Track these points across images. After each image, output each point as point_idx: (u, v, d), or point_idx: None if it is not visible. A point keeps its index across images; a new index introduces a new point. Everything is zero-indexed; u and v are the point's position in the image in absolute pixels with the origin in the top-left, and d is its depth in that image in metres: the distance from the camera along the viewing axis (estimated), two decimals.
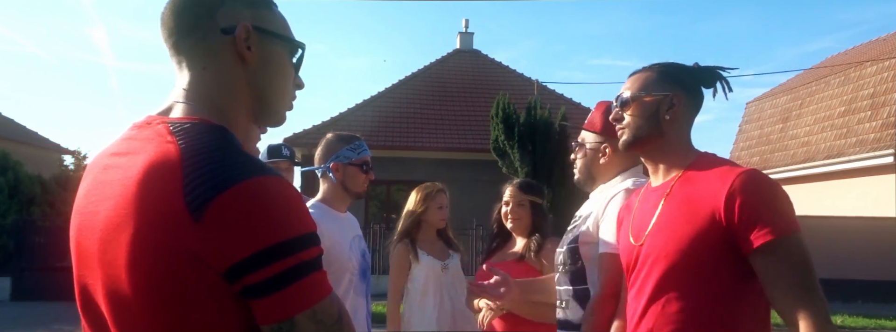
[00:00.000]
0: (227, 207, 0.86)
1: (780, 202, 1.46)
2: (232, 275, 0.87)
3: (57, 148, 22.48)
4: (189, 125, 0.97)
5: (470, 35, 20.14)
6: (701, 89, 1.70)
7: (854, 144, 14.83)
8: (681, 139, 1.66)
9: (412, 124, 16.45)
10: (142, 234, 0.88)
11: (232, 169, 0.89)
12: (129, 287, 0.89)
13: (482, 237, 13.28)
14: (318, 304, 0.90)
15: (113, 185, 0.95)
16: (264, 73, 1.06)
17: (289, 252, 0.88)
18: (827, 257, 12.87)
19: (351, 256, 2.47)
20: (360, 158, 2.54)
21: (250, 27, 1.03)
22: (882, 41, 17.77)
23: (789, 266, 1.42)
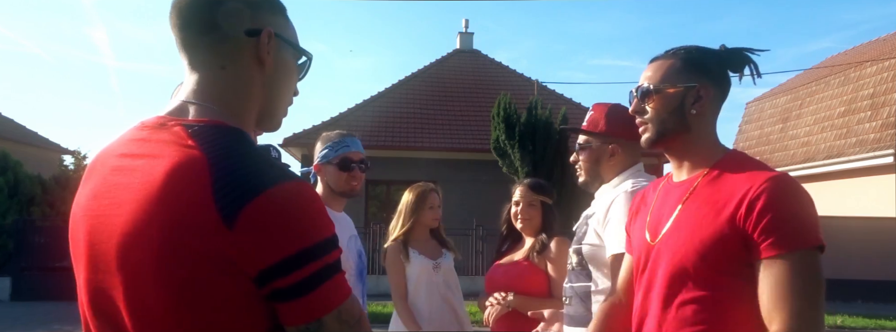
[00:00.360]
0: (258, 213, 0.87)
1: (804, 213, 1.35)
2: (262, 279, 0.89)
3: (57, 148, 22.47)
4: (207, 128, 0.97)
5: (470, 35, 20.15)
6: (728, 76, 1.55)
7: (854, 144, 14.83)
8: (708, 134, 1.53)
9: (412, 124, 16.45)
10: (171, 240, 0.88)
11: (261, 175, 0.91)
12: (155, 292, 0.90)
13: (482, 237, 13.28)
14: (343, 305, 0.94)
15: (131, 189, 0.94)
16: (277, 78, 1.08)
17: (315, 256, 0.90)
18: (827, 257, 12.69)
19: (348, 256, 2.45)
20: (339, 155, 2.47)
21: (273, 33, 1.05)
22: (882, 41, 17.77)
23: (797, 282, 1.30)
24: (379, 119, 16.24)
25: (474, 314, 9.86)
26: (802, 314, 1.29)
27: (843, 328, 9.79)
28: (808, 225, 1.34)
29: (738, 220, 1.36)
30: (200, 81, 1.03)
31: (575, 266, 2.17)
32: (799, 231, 1.33)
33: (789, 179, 1.40)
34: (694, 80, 1.50)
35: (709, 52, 1.54)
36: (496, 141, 13.12)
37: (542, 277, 2.71)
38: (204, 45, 1.03)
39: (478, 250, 13.41)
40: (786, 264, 1.31)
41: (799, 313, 1.29)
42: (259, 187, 0.89)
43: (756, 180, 1.38)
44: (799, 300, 1.29)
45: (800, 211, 1.35)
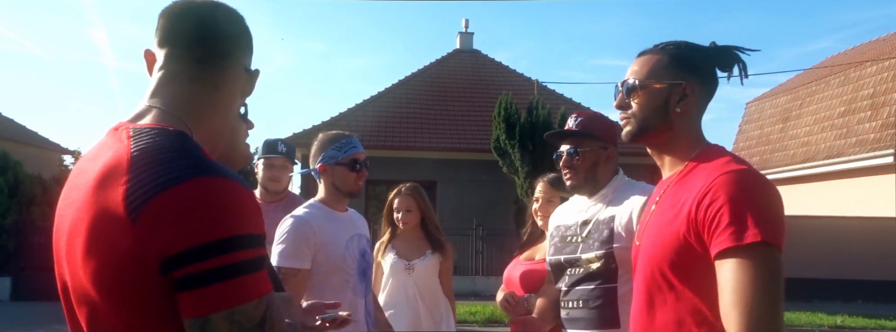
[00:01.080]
0: (162, 207, 0.88)
1: (761, 206, 1.27)
2: (165, 270, 0.89)
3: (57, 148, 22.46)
4: (149, 129, 1.01)
5: (470, 35, 20.14)
6: (715, 75, 1.52)
7: (854, 144, 14.84)
8: (690, 131, 1.50)
9: (412, 124, 16.45)
10: (91, 237, 0.92)
11: (174, 170, 0.92)
12: (87, 287, 0.94)
13: (482, 237, 13.29)
14: (240, 306, 0.89)
15: (79, 189, 1.00)
16: (228, 101, 1.17)
17: (220, 251, 0.88)
18: (827, 257, 12.89)
19: (346, 256, 2.46)
20: (347, 156, 2.51)
21: (244, 68, 1.17)
22: (882, 41, 17.78)
23: (744, 278, 1.22)
24: (379, 119, 16.23)
25: (475, 314, 9.90)
26: (755, 314, 1.19)
27: (843, 328, 9.79)
28: (761, 220, 1.24)
29: (691, 217, 1.32)
30: (164, 88, 1.10)
31: (597, 268, 2.16)
32: (749, 226, 1.23)
33: (746, 173, 1.32)
34: (680, 77, 1.47)
35: (698, 49, 1.51)
36: (496, 141, 13.13)
37: None
38: (179, 57, 1.11)
39: (478, 250, 13.41)
40: (736, 261, 1.23)
41: (751, 312, 1.20)
42: (169, 182, 0.90)
43: (712, 175, 1.34)
44: (752, 299, 1.20)
45: (752, 206, 1.26)
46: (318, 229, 2.42)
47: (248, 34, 1.17)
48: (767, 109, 19.83)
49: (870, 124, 14.74)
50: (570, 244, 2.26)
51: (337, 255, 2.43)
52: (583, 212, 2.28)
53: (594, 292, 2.16)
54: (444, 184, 15.71)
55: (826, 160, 15.36)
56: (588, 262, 2.18)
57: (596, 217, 2.22)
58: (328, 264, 2.42)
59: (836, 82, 16.78)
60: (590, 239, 2.19)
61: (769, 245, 1.23)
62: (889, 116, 14.17)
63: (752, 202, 1.27)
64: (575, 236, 2.25)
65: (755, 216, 1.24)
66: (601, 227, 2.18)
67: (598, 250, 2.16)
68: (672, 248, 1.36)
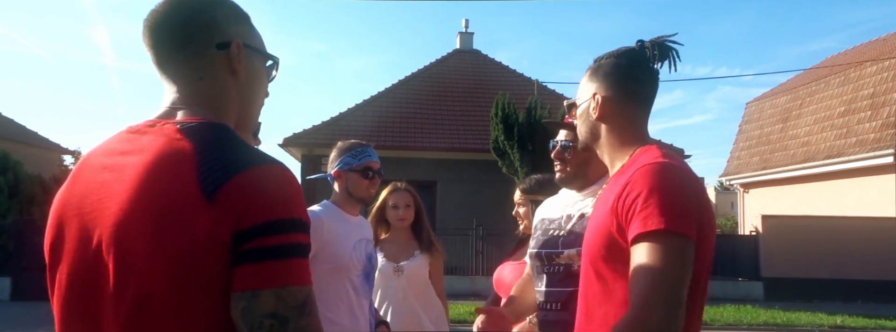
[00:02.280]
0: (237, 188, 0.94)
1: (669, 196, 1.31)
2: (234, 244, 0.93)
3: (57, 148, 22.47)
4: (196, 125, 1.05)
5: (470, 35, 20.15)
6: (634, 76, 1.56)
7: (854, 144, 14.84)
8: (618, 135, 1.56)
9: (412, 124, 16.45)
10: (158, 220, 0.94)
11: (242, 157, 0.99)
12: (147, 273, 0.94)
13: (482, 237, 13.28)
14: (289, 287, 0.94)
15: (121, 181, 1.00)
16: (249, 84, 1.17)
17: (283, 230, 0.95)
18: (827, 257, 12.89)
19: (353, 256, 2.52)
20: (361, 163, 2.62)
21: (241, 44, 1.13)
22: (882, 41, 17.78)
23: (642, 267, 1.27)
24: (379, 119, 16.23)
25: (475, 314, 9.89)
26: (652, 296, 1.24)
27: (843, 328, 9.79)
28: (667, 209, 1.29)
29: (614, 210, 1.39)
30: (181, 91, 1.12)
31: (576, 269, 2.06)
32: (655, 214, 1.29)
33: (662, 165, 1.37)
34: (593, 89, 1.59)
35: (612, 56, 1.59)
36: (495, 141, 13.13)
37: None
38: (179, 60, 1.11)
39: (478, 250, 13.41)
40: (642, 246, 1.29)
41: (644, 299, 1.25)
42: (240, 167, 0.96)
43: (632, 170, 1.41)
44: (651, 282, 1.25)
45: (661, 195, 1.31)
46: (329, 227, 2.50)
47: (233, 14, 1.15)
48: (767, 109, 19.83)
49: (870, 124, 14.75)
50: (553, 238, 2.19)
51: (344, 255, 2.49)
52: (569, 206, 2.21)
53: (573, 294, 2.10)
54: (444, 184, 15.71)
55: (826, 160, 15.37)
56: (568, 258, 2.12)
57: (581, 213, 2.15)
58: (335, 263, 2.47)
59: (836, 82, 16.78)
60: (572, 235, 2.13)
61: (673, 233, 1.27)
62: (889, 116, 14.17)
63: (662, 192, 1.31)
64: (558, 230, 2.19)
65: (662, 205, 1.29)
66: (585, 223, 2.14)
67: (579, 247, 2.05)
68: (603, 243, 1.42)
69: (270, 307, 0.93)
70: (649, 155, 1.46)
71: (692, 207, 1.33)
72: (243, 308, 0.93)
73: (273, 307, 0.93)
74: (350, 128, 15.50)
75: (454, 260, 13.48)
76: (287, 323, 0.94)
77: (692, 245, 1.29)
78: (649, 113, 1.61)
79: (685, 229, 1.29)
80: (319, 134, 15.77)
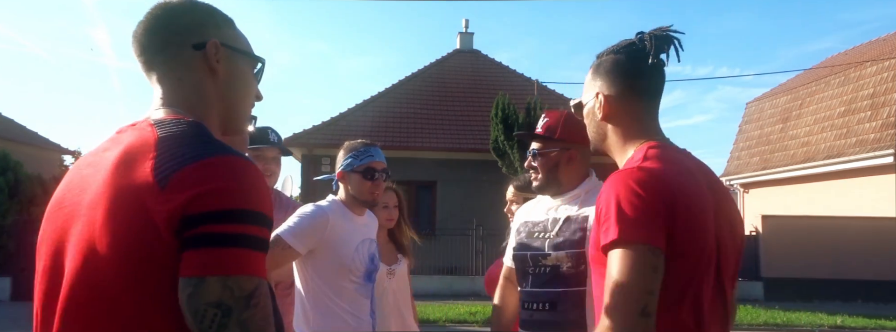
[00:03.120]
0: (190, 174, 0.96)
1: (620, 204, 1.31)
2: (181, 230, 0.94)
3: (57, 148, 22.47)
4: (169, 120, 1.09)
5: (470, 35, 20.15)
6: (634, 71, 1.51)
7: (854, 144, 14.83)
8: (625, 134, 1.52)
9: (412, 124, 16.45)
10: (112, 207, 0.97)
11: (201, 148, 1.01)
12: (104, 259, 0.96)
13: (482, 237, 13.28)
14: (238, 276, 0.94)
15: (97, 173, 1.04)
16: (231, 85, 1.19)
17: (235, 220, 0.95)
18: (827, 257, 12.89)
19: (355, 257, 2.50)
20: (363, 164, 2.55)
21: (219, 43, 1.16)
22: (882, 41, 17.78)
23: (608, 278, 1.28)
24: (379, 119, 16.24)
25: (475, 314, 9.89)
26: (610, 312, 1.25)
27: (843, 328, 9.79)
28: (619, 219, 1.29)
29: (596, 218, 1.39)
30: (164, 92, 1.16)
31: (566, 270, 2.13)
32: (611, 225, 1.30)
33: (620, 173, 1.37)
34: (596, 87, 1.54)
35: (612, 52, 1.54)
36: (495, 141, 13.13)
37: None
38: (159, 62, 1.16)
39: (478, 250, 13.41)
40: (607, 260, 1.30)
41: (608, 311, 1.26)
42: (197, 156, 0.98)
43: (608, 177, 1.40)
44: (609, 296, 1.26)
45: (614, 205, 1.31)
46: (333, 225, 2.46)
47: (210, 17, 1.18)
48: (767, 109, 19.83)
49: (870, 124, 14.74)
50: (538, 239, 2.22)
51: (346, 256, 2.46)
52: (553, 210, 2.26)
53: (562, 295, 2.12)
54: (444, 184, 15.71)
55: (826, 160, 15.36)
56: (556, 260, 2.14)
57: (568, 216, 2.19)
58: (337, 263, 2.45)
59: (836, 82, 16.78)
60: (560, 237, 2.16)
61: (629, 242, 1.27)
62: (889, 116, 14.17)
63: (617, 202, 1.31)
64: (543, 233, 2.22)
65: (617, 216, 1.30)
66: (574, 226, 2.15)
67: (568, 250, 2.12)
68: (595, 245, 1.41)
69: (215, 296, 0.92)
70: (632, 158, 1.45)
71: (652, 214, 1.28)
72: (189, 295, 0.92)
73: (218, 295, 0.92)
74: (350, 128, 15.50)
75: (454, 260, 13.49)
76: (230, 313, 0.93)
77: (655, 251, 1.26)
78: (657, 106, 1.55)
79: (643, 237, 1.26)
80: (319, 134, 15.78)
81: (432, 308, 10.33)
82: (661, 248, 1.27)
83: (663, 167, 1.38)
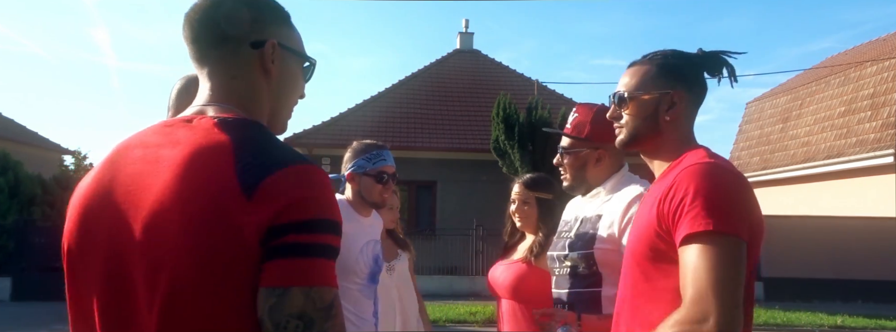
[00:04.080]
0: (275, 185, 0.94)
1: (716, 196, 1.30)
2: (266, 239, 0.93)
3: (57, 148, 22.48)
4: (232, 120, 1.06)
5: (470, 35, 20.15)
6: (703, 81, 1.58)
7: (854, 144, 14.84)
8: (678, 137, 1.55)
9: (412, 124, 16.45)
10: (194, 213, 0.93)
11: (281, 154, 1.00)
12: (181, 265, 0.93)
13: (482, 237, 13.28)
14: (318, 287, 0.94)
15: (157, 173, 0.99)
16: (282, 85, 1.16)
17: (318, 230, 0.95)
18: (827, 257, 12.88)
19: (360, 259, 2.50)
20: (376, 168, 2.56)
21: (276, 44, 1.13)
22: (882, 41, 17.78)
23: (696, 268, 1.25)
24: (379, 119, 16.23)
25: (475, 314, 9.90)
26: (704, 301, 1.22)
27: (843, 328, 9.80)
28: (715, 210, 1.28)
29: (659, 210, 1.37)
30: (214, 88, 1.12)
31: (580, 271, 2.13)
32: (703, 216, 1.28)
33: (708, 165, 1.37)
34: (668, 86, 1.53)
35: (685, 57, 1.56)
36: (496, 141, 13.13)
37: (542, 277, 2.70)
38: (215, 57, 1.12)
39: (478, 250, 13.40)
40: (691, 248, 1.28)
41: (700, 299, 1.22)
42: (280, 164, 0.97)
43: (678, 171, 1.40)
44: (704, 282, 1.23)
45: (707, 196, 1.30)
46: (343, 226, 2.44)
47: (272, 13, 1.15)
48: (767, 109, 19.83)
49: (870, 124, 14.74)
50: (562, 240, 2.24)
51: (350, 258, 2.45)
52: (579, 209, 2.26)
53: (577, 296, 2.12)
54: (444, 184, 15.71)
55: (826, 160, 15.36)
56: (573, 261, 2.15)
57: (584, 216, 2.19)
58: (341, 265, 2.41)
59: (836, 82, 16.78)
60: (577, 237, 2.16)
61: (722, 234, 1.26)
62: (889, 116, 14.17)
63: (710, 192, 1.31)
64: (567, 232, 2.23)
65: (710, 206, 1.29)
66: (588, 226, 2.14)
67: (580, 250, 2.12)
68: (647, 244, 1.40)
69: (298, 307, 0.91)
70: (694, 156, 1.45)
71: (741, 207, 1.32)
72: (271, 306, 0.91)
73: (301, 306, 0.92)
74: (350, 128, 15.50)
75: (454, 260, 13.48)
76: (313, 325, 0.92)
77: (743, 244, 1.29)
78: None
79: (735, 229, 1.28)
80: (319, 134, 15.78)
81: (432, 308, 10.33)
82: (746, 242, 1.30)
83: (733, 166, 1.42)
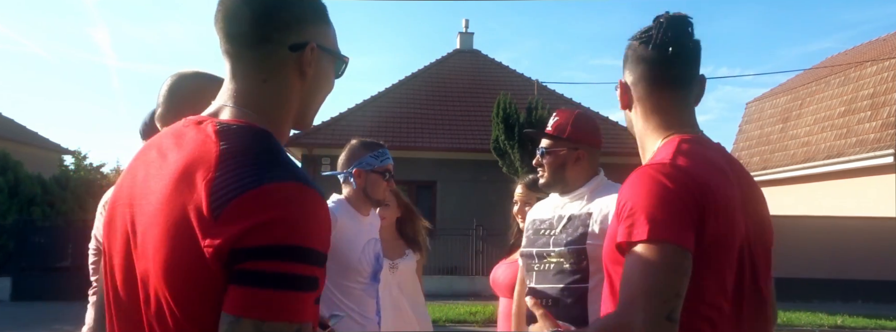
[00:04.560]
0: (242, 205, 0.88)
1: (646, 202, 1.24)
2: (230, 262, 0.87)
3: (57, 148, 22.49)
4: (236, 127, 1.00)
5: (470, 35, 20.15)
6: (662, 58, 1.41)
7: (854, 144, 14.84)
8: (649, 125, 1.45)
9: (412, 124, 16.45)
10: (168, 230, 0.92)
11: (261, 172, 0.92)
12: (160, 281, 0.92)
13: (482, 237, 13.28)
14: (272, 322, 0.86)
15: (160, 178, 0.98)
16: (316, 86, 1.12)
17: (283, 257, 0.87)
18: (827, 257, 12.89)
19: (362, 258, 2.52)
20: (383, 166, 2.63)
21: (316, 47, 1.07)
22: (882, 41, 17.78)
23: (627, 273, 1.22)
24: (379, 119, 16.23)
25: (475, 314, 9.90)
26: (630, 307, 1.18)
27: (843, 328, 9.79)
28: (646, 217, 1.22)
29: (617, 215, 1.33)
30: (240, 89, 1.06)
31: (568, 267, 2.16)
32: (635, 224, 1.23)
33: (646, 169, 1.31)
34: (623, 74, 1.49)
35: (634, 37, 1.46)
36: (496, 141, 13.13)
37: None
38: (249, 57, 1.06)
39: (478, 250, 13.40)
40: (629, 258, 1.23)
41: (627, 305, 1.19)
42: (253, 183, 0.90)
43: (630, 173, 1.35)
44: (630, 293, 1.19)
45: (639, 202, 1.25)
46: (342, 225, 2.47)
47: (313, 10, 1.09)
48: (767, 109, 19.83)
49: (870, 124, 14.75)
50: (543, 237, 2.27)
51: (353, 258, 2.48)
52: (560, 208, 2.30)
53: (564, 291, 2.15)
54: (444, 184, 15.71)
55: (826, 160, 15.36)
56: (559, 256, 2.18)
57: (571, 214, 2.23)
58: (343, 264, 2.45)
59: (836, 82, 16.78)
60: (563, 234, 2.20)
61: (657, 241, 1.20)
62: (889, 116, 14.17)
63: (644, 197, 1.25)
64: (549, 230, 2.27)
65: (645, 213, 1.23)
66: (576, 223, 2.19)
67: (569, 246, 2.16)
68: (611, 247, 1.34)
69: None
70: (663, 152, 1.36)
71: (681, 213, 1.23)
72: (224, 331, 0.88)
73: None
74: (350, 128, 15.49)
75: (454, 260, 13.48)
76: None
77: (683, 252, 1.20)
78: (688, 96, 1.45)
79: (672, 237, 1.20)
80: (319, 134, 15.77)
81: (432, 308, 10.30)
82: (690, 250, 1.21)
83: (694, 164, 1.31)
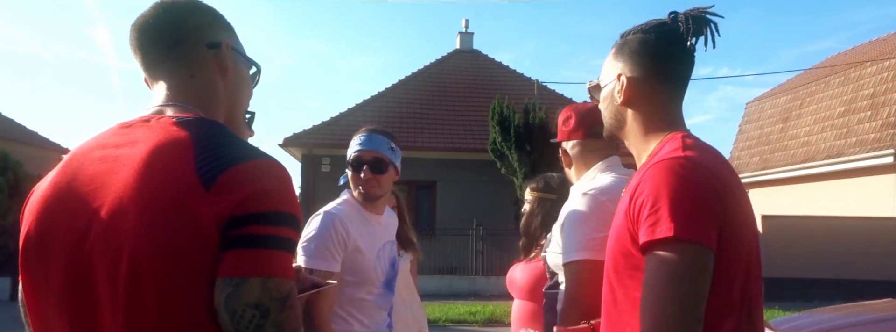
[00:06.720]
0: (235, 178, 0.97)
1: (678, 198, 1.16)
2: (227, 229, 0.95)
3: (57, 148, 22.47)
4: (192, 119, 1.08)
5: (470, 35, 20.16)
6: (669, 53, 1.38)
7: (854, 144, 14.83)
8: (648, 122, 1.39)
9: (412, 124, 16.46)
10: (151, 203, 0.96)
11: (241, 150, 1.02)
12: (143, 258, 0.94)
13: (482, 237, 13.29)
14: (275, 277, 0.95)
15: (118, 171, 1.01)
16: (238, 87, 1.21)
17: (278, 222, 0.97)
18: (827, 257, 12.89)
19: (376, 267, 2.30)
20: (353, 155, 2.31)
21: (230, 45, 1.18)
22: (882, 41, 17.78)
23: (653, 279, 1.15)
24: (379, 119, 16.23)
25: (475, 314, 9.90)
26: (659, 317, 1.13)
27: None
28: (676, 213, 1.15)
29: (627, 214, 1.25)
30: (172, 88, 1.15)
31: (548, 272, 2.19)
32: (663, 220, 1.16)
33: (672, 162, 1.22)
34: (618, 69, 1.41)
35: (642, 30, 1.41)
36: (493, 143, 13.14)
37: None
38: (171, 58, 1.15)
39: (478, 250, 13.42)
40: (651, 256, 1.17)
41: (655, 315, 1.13)
42: (239, 158, 0.99)
43: (645, 168, 1.27)
44: (660, 297, 1.13)
45: (668, 198, 1.17)
46: (353, 231, 2.22)
47: (220, 20, 1.20)
48: (767, 109, 19.83)
49: (870, 124, 14.74)
50: (548, 241, 2.25)
51: (368, 265, 2.26)
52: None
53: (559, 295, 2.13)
54: (444, 184, 15.71)
55: (826, 160, 15.35)
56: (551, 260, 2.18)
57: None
58: (356, 276, 2.24)
59: (836, 82, 16.78)
60: (555, 238, 2.18)
61: (684, 241, 1.14)
62: (889, 116, 14.17)
63: (672, 194, 1.17)
64: (551, 234, 2.25)
65: (671, 210, 1.16)
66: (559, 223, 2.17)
67: (544, 252, 2.18)
68: (620, 249, 1.29)
69: (255, 297, 0.93)
70: (669, 147, 1.30)
71: (708, 209, 1.17)
72: (228, 295, 0.93)
73: (257, 296, 0.93)
74: (350, 128, 15.46)
75: (454, 260, 13.49)
76: (268, 315, 0.94)
77: (708, 253, 1.15)
78: (683, 95, 1.42)
79: (698, 236, 1.14)
80: (319, 134, 15.78)
81: (432, 308, 10.33)
82: (714, 250, 1.16)
83: (708, 159, 1.26)
